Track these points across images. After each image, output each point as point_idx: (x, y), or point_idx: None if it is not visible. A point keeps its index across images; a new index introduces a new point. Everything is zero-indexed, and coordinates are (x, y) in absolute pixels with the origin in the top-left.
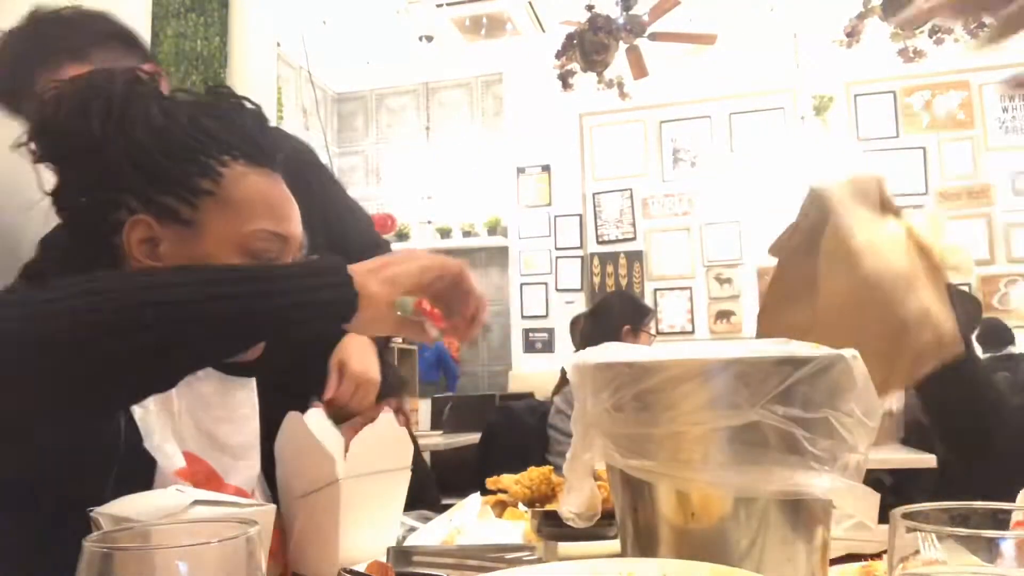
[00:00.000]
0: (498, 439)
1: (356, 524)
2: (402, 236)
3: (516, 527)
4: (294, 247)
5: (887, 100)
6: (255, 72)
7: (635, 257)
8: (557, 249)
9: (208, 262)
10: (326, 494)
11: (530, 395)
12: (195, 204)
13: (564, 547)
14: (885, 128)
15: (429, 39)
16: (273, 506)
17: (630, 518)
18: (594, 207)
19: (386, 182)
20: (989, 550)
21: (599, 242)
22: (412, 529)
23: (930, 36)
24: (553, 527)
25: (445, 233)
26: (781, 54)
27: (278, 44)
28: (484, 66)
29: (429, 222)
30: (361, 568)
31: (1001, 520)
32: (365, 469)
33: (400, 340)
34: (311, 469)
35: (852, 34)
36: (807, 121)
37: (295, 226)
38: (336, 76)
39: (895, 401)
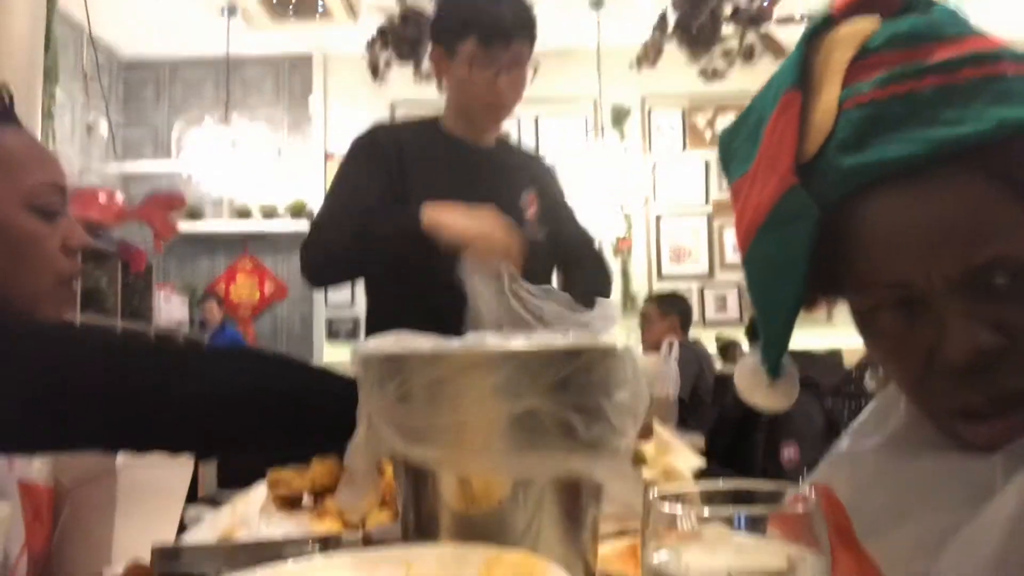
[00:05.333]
0: None
1: (133, 518)
2: (194, 215)
3: (300, 521)
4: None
5: (676, 116)
6: (19, 28)
7: None
8: None
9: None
10: (101, 481)
11: None
12: None
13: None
14: (673, 142)
15: (232, 11)
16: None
17: (412, 508)
18: None
19: (178, 158)
20: (734, 525)
21: None
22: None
23: (723, 57)
24: None
25: (244, 214)
26: (587, 65)
27: None
28: (292, 45)
29: (225, 202)
30: (117, 572)
31: (744, 498)
32: (146, 459)
33: (188, 327)
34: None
35: (645, 58)
36: (606, 131)
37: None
38: (125, 42)
39: (671, 387)
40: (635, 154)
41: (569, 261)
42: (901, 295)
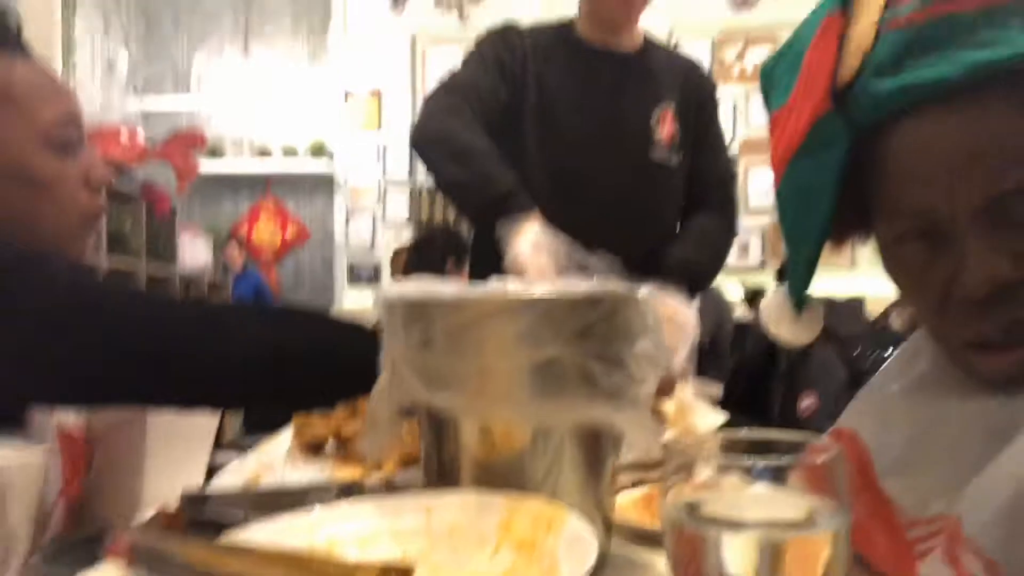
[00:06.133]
0: None
1: (162, 464)
2: (215, 153)
3: (324, 466)
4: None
5: (705, 47)
6: None
7: None
8: (386, 179)
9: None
10: (131, 428)
11: None
12: None
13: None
14: None
15: None
16: (37, 450)
17: (434, 454)
18: None
19: (198, 93)
20: (753, 475)
21: None
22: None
23: None
24: None
25: (264, 153)
26: None
27: None
28: None
29: (246, 141)
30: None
31: (764, 448)
32: None
33: (212, 271)
34: None
35: None
36: None
37: None
38: None
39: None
40: None
41: (691, 198)
42: (925, 224)
